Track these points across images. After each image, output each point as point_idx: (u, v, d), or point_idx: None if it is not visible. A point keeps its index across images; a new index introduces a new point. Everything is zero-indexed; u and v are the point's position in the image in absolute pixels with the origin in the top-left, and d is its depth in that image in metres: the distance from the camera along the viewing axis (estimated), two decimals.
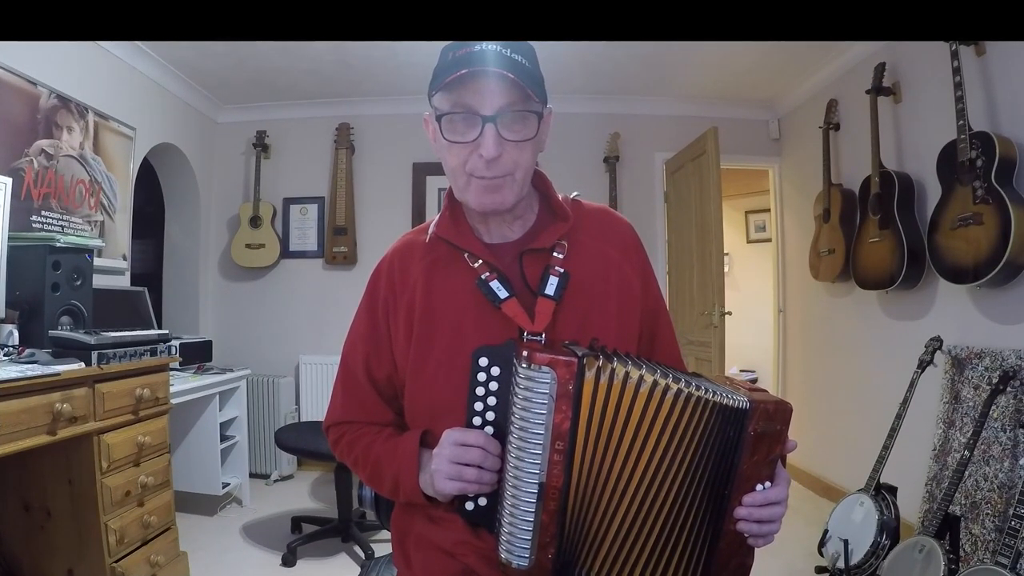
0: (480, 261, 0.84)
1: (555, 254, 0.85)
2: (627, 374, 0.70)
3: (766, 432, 0.70)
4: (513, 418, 0.71)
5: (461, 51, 0.77)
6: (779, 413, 0.71)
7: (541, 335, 0.79)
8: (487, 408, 0.75)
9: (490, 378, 0.75)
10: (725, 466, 0.72)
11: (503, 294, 0.81)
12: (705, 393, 0.71)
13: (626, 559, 0.73)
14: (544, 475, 0.69)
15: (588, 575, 0.73)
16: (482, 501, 0.76)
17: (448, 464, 0.75)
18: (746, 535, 0.73)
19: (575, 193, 0.95)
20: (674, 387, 0.70)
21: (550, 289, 0.81)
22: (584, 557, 0.73)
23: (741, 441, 0.71)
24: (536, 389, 0.69)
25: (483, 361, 0.75)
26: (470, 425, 0.76)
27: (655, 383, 0.70)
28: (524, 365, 0.69)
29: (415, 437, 0.83)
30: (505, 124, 0.77)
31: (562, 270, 0.83)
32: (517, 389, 0.70)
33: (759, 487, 0.72)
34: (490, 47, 0.76)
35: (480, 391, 0.75)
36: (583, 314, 0.83)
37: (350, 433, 0.92)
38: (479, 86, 0.76)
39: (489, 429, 0.76)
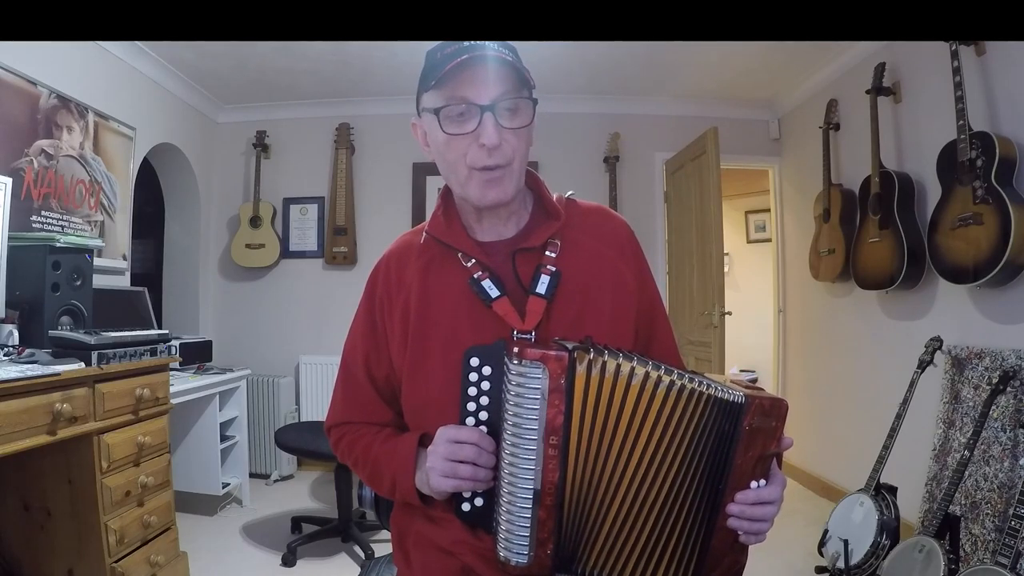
0: (473, 260, 0.84)
1: (547, 253, 0.85)
2: (619, 367, 0.70)
3: (761, 428, 0.70)
4: (506, 416, 0.71)
5: (449, 49, 0.78)
6: (775, 409, 0.71)
7: (531, 333, 0.79)
8: (480, 408, 0.76)
9: (482, 378, 0.75)
10: (720, 461, 0.72)
11: (494, 293, 0.81)
12: (699, 386, 0.71)
13: (619, 553, 0.73)
14: (540, 471, 0.69)
15: (586, 570, 0.73)
16: (478, 502, 0.76)
17: (442, 461, 0.75)
18: (738, 532, 0.73)
19: (570, 192, 0.95)
20: (667, 379, 0.71)
21: (541, 288, 0.81)
22: (582, 552, 0.73)
23: (736, 436, 0.71)
24: (528, 385, 0.69)
25: (474, 361, 0.75)
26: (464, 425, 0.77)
27: (647, 375, 0.71)
28: (515, 362, 0.70)
29: (413, 438, 0.83)
30: (502, 112, 0.77)
31: (554, 268, 0.83)
32: (509, 386, 0.71)
33: (753, 484, 0.72)
34: (477, 42, 0.77)
35: (472, 391, 0.75)
36: (576, 312, 0.83)
37: (351, 434, 0.92)
38: (474, 77, 0.76)
39: (483, 428, 0.76)
